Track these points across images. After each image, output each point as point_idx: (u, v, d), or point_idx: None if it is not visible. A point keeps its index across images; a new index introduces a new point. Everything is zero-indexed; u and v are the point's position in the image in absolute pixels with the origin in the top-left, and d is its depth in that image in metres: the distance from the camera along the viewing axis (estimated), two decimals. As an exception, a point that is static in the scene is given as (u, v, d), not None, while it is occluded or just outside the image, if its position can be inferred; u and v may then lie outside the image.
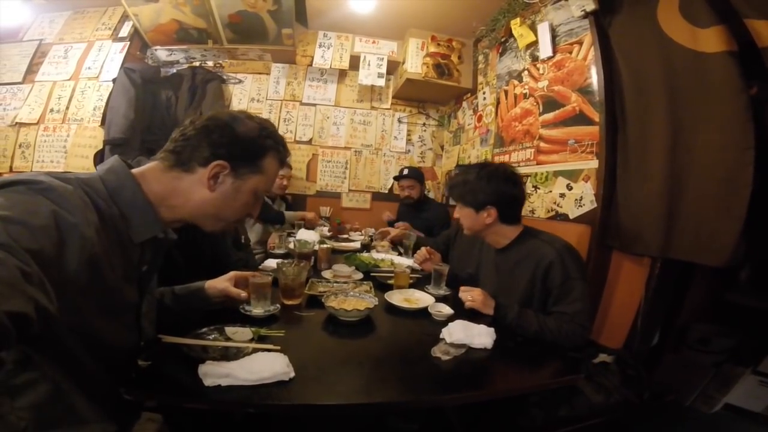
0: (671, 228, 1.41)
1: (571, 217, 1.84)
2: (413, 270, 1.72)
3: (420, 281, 1.64)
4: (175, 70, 3.16)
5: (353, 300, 1.19)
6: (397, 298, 1.34)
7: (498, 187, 1.31)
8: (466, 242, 1.68)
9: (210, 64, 3.27)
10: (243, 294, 1.01)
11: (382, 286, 1.53)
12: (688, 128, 1.39)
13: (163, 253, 0.87)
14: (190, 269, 1.37)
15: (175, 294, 0.98)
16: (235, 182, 0.75)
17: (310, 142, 3.46)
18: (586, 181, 1.77)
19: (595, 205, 1.70)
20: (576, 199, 1.82)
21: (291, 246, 2.00)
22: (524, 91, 2.28)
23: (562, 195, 1.91)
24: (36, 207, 0.51)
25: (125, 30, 2.96)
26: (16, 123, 2.93)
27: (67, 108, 2.88)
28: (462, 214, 1.40)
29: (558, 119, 1.98)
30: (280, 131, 3.15)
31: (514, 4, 2.38)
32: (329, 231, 2.91)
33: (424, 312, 1.25)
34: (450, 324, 1.06)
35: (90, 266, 0.57)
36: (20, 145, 2.89)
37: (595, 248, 1.66)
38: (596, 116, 1.73)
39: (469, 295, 1.27)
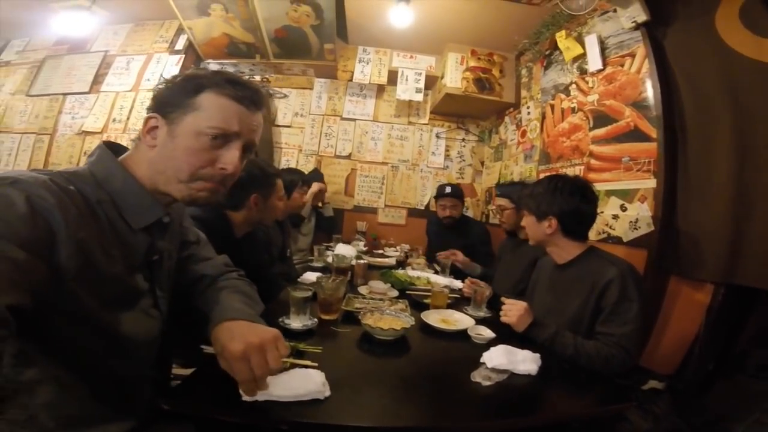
0: (737, 252, 1.33)
1: (624, 240, 1.76)
2: (451, 289, 1.71)
3: (458, 301, 1.63)
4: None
5: (389, 318, 1.20)
6: (434, 318, 1.34)
7: (562, 198, 1.32)
8: (516, 258, 1.65)
9: (257, 78, 3.49)
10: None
11: (417, 305, 1.53)
12: (759, 146, 1.31)
13: (178, 239, 0.88)
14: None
15: (204, 295, 0.89)
16: (169, 129, 0.71)
17: (349, 156, 3.57)
18: (642, 202, 1.70)
19: (653, 227, 1.62)
20: (631, 221, 1.74)
21: (329, 260, 2.05)
22: (572, 106, 2.23)
23: (615, 216, 1.83)
24: (10, 199, 0.51)
25: (181, 43, 3.23)
26: (83, 131, 3.27)
27: (128, 118, 3.17)
28: (526, 222, 1.44)
29: (610, 135, 1.92)
30: (322, 146, 3.34)
31: (558, 17, 2.36)
32: (365, 246, 2.96)
33: (462, 334, 1.24)
34: (491, 348, 1.05)
35: (79, 252, 0.57)
36: (85, 153, 3.20)
37: (652, 273, 1.59)
38: (653, 132, 1.67)
39: (508, 309, 1.25)
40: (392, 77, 3.34)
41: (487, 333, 1.22)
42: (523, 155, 2.80)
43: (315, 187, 2.82)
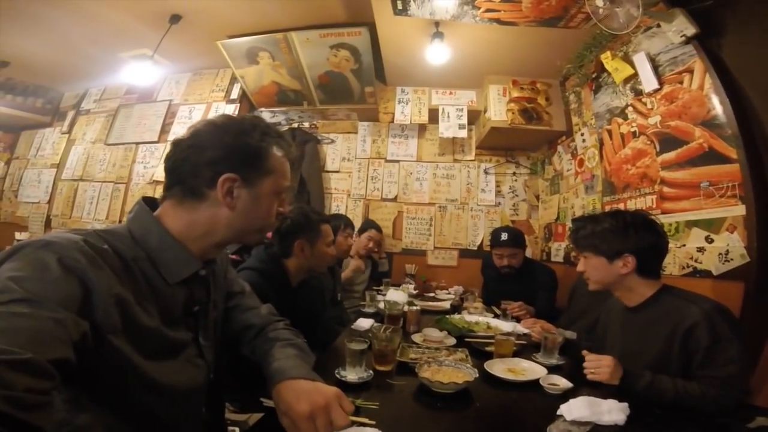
0: None
1: (715, 273, 1.61)
2: (517, 335, 1.63)
3: (525, 348, 1.55)
4: (278, 132, 3.70)
5: (449, 370, 1.16)
6: (500, 368, 1.28)
7: (638, 233, 1.27)
8: (586, 302, 1.56)
9: (306, 125, 3.74)
10: None
11: (479, 354, 1.47)
12: None
13: (223, 290, 0.93)
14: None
15: (253, 344, 0.94)
16: (251, 191, 0.76)
17: (395, 199, 3.64)
18: (732, 232, 1.55)
19: (748, 259, 1.47)
20: (720, 253, 1.59)
21: (380, 305, 2.05)
22: (632, 129, 2.16)
23: (701, 249, 1.68)
24: (45, 262, 0.56)
25: (235, 92, 3.56)
26: (153, 181, 3.62)
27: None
28: (590, 265, 1.36)
29: (682, 158, 1.81)
30: (368, 189, 3.47)
31: (599, 37, 2.35)
32: (415, 289, 2.92)
33: (533, 384, 1.17)
34: (571, 400, 0.99)
35: (116, 307, 0.61)
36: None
37: (752, 307, 1.44)
38: (732, 152, 1.55)
39: (595, 367, 1.19)
40: (433, 115, 3.43)
41: (563, 383, 1.16)
42: (584, 186, 2.69)
43: (369, 235, 2.88)
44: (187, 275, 0.76)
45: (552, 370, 1.29)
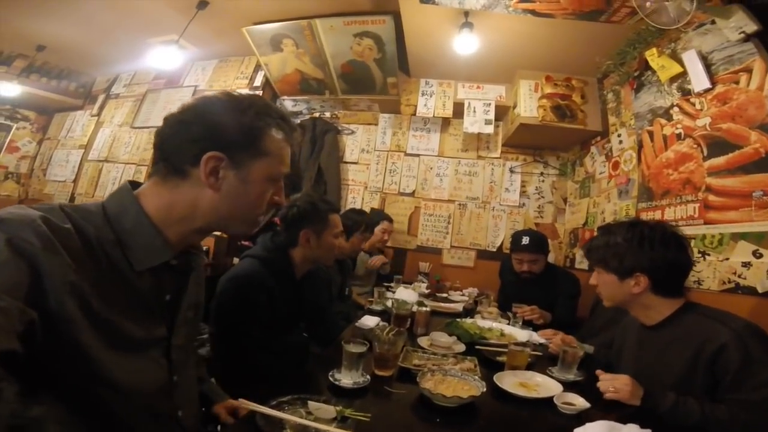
0: None
1: (760, 290, 1.48)
2: (533, 345, 1.52)
3: (540, 360, 1.44)
4: (299, 121, 3.67)
5: (454, 381, 1.07)
6: (511, 381, 1.18)
7: (652, 250, 1.16)
8: (610, 315, 1.52)
9: (327, 115, 3.72)
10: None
11: (489, 363, 1.37)
12: None
13: (199, 282, 0.85)
14: (291, 317, 1.46)
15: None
16: (239, 173, 0.70)
17: (413, 194, 3.56)
18: (786, 247, 1.39)
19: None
20: (770, 270, 1.43)
21: (389, 304, 1.98)
22: (677, 131, 2.01)
23: (747, 264, 1.53)
24: None
25: (258, 79, 3.56)
26: None
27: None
28: (601, 280, 1.27)
29: (733, 164, 1.65)
30: (386, 183, 3.38)
31: (644, 33, 2.22)
32: (427, 288, 2.85)
33: (547, 402, 1.07)
34: (588, 425, 0.89)
35: (73, 296, 0.56)
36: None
37: None
38: (795, 159, 1.39)
39: (612, 385, 1.11)
40: (458, 110, 3.31)
41: (579, 402, 1.06)
42: (617, 191, 2.53)
43: (383, 227, 2.83)
44: (156, 263, 0.69)
45: (568, 386, 1.20)
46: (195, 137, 0.69)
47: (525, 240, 2.41)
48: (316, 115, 3.69)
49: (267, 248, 1.49)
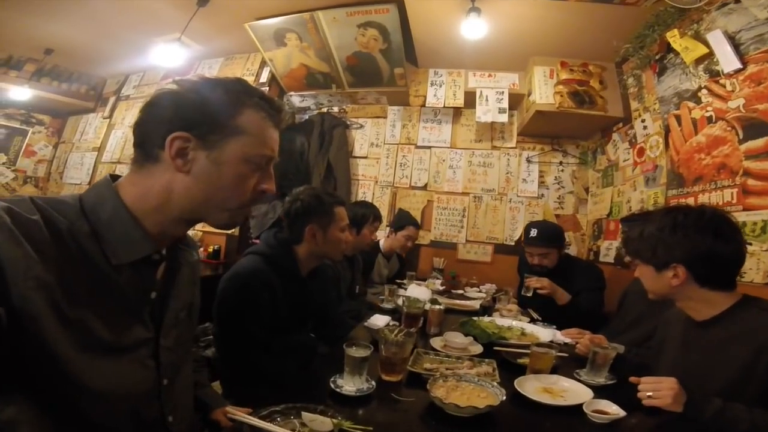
0: None
1: None
2: (558, 346, 1.40)
3: (566, 362, 1.32)
4: (307, 117, 3.62)
5: (468, 388, 0.98)
6: (533, 386, 1.08)
7: (688, 238, 1.05)
8: (640, 310, 1.44)
9: (335, 109, 3.65)
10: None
11: (508, 366, 1.27)
12: None
13: (193, 280, 0.82)
14: (294, 317, 1.39)
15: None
16: (210, 154, 0.66)
17: (425, 187, 3.47)
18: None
19: None
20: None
21: (400, 302, 1.90)
22: (707, 114, 1.92)
23: (795, 254, 1.38)
24: None
25: (264, 75, 3.50)
26: None
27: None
28: (640, 273, 1.19)
29: (774, 145, 1.51)
30: (397, 177, 3.29)
31: (663, 15, 2.15)
32: (441, 285, 2.75)
33: (575, 410, 0.97)
34: None
35: (40, 292, 0.53)
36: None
37: None
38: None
39: (652, 389, 1.00)
40: (470, 99, 3.20)
41: (613, 410, 0.97)
42: (644, 178, 2.40)
43: (407, 233, 2.72)
44: (136, 258, 0.65)
45: (599, 391, 1.09)
46: (164, 118, 0.65)
47: (533, 232, 2.32)
48: (324, 110, 3.62)
49: (270, 245, 1.43)
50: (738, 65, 1.72)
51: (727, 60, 1.76)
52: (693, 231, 1.05)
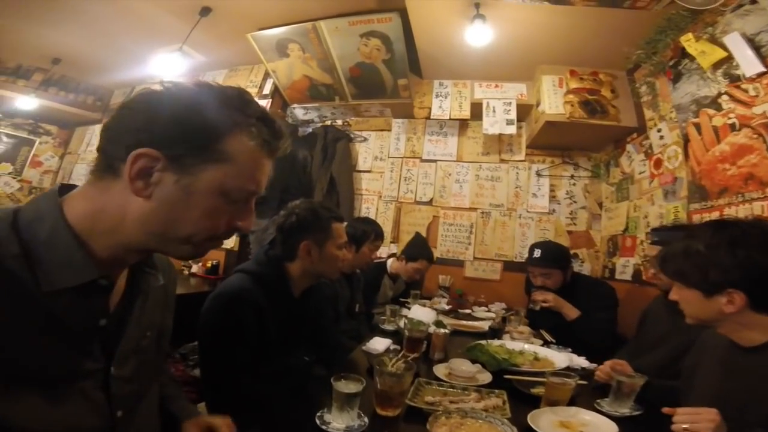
0: None
1: None
2: (578, 374, 1.28)
3: (584, 390, 1.20)
4: (310, 129, 3.58)
5: (475, 426, 0.86)
6: (549, 421, 0.97)
7: (751, 260, 0.92)
8: (664, 330, 1.35)
9: (339, 122, 3.62)
10: None
11: (520, 396, 1.15)
12: None
13: (165, 303, 0.75)
14: (284, 338, 1.28)
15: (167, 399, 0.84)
16: (180, 179, 0.55)
17: (430, 202, 3.39)
18: None
19: None
20: None
21: (402, 324, 1.78)
22: (730, 121, 1.82)
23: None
24: None
25: (267, 87, 3.49)
26: None
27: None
28: (682, 297, 1.05)
29: (809, 153, 1.40)
30: (401, 191, 3.13)
31: (675, 19, 2.07)
32: (447, 304, 2.63)
33: None
34: None
35: None
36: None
37: None
38: None
39: (690, 420, 0.88)
40: (476, 110, 3.14)
41: None
42: (662, 191, 2.29)
43: (418, 266, 2.58)
44: (76, 284, 0.55)
45: (623, 423, 1.00)
46: (130, 127, 0.55)
47: (536, 253, 2.26)
48: (328, 122, 3.58)
49: (259, 262, 1.35)
50: (761, 68, 1.63)
51: (749, 63, 1.68)
52: (757, 251, 0.92)
